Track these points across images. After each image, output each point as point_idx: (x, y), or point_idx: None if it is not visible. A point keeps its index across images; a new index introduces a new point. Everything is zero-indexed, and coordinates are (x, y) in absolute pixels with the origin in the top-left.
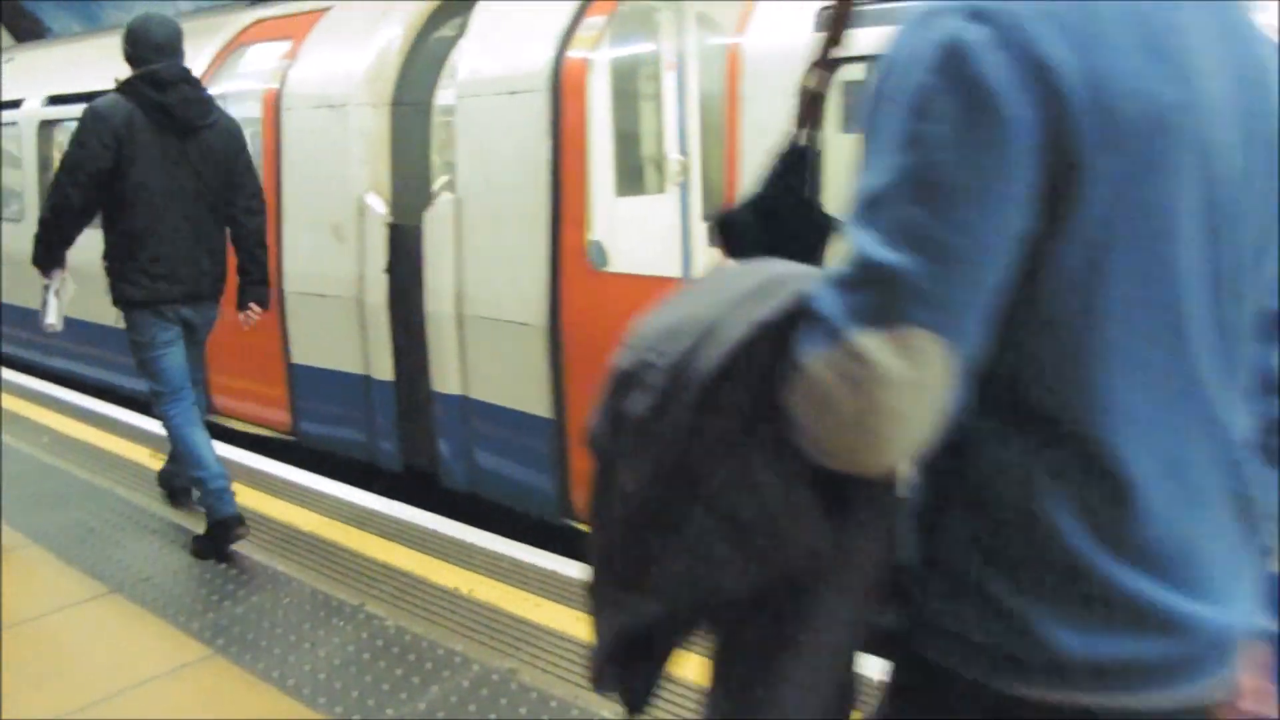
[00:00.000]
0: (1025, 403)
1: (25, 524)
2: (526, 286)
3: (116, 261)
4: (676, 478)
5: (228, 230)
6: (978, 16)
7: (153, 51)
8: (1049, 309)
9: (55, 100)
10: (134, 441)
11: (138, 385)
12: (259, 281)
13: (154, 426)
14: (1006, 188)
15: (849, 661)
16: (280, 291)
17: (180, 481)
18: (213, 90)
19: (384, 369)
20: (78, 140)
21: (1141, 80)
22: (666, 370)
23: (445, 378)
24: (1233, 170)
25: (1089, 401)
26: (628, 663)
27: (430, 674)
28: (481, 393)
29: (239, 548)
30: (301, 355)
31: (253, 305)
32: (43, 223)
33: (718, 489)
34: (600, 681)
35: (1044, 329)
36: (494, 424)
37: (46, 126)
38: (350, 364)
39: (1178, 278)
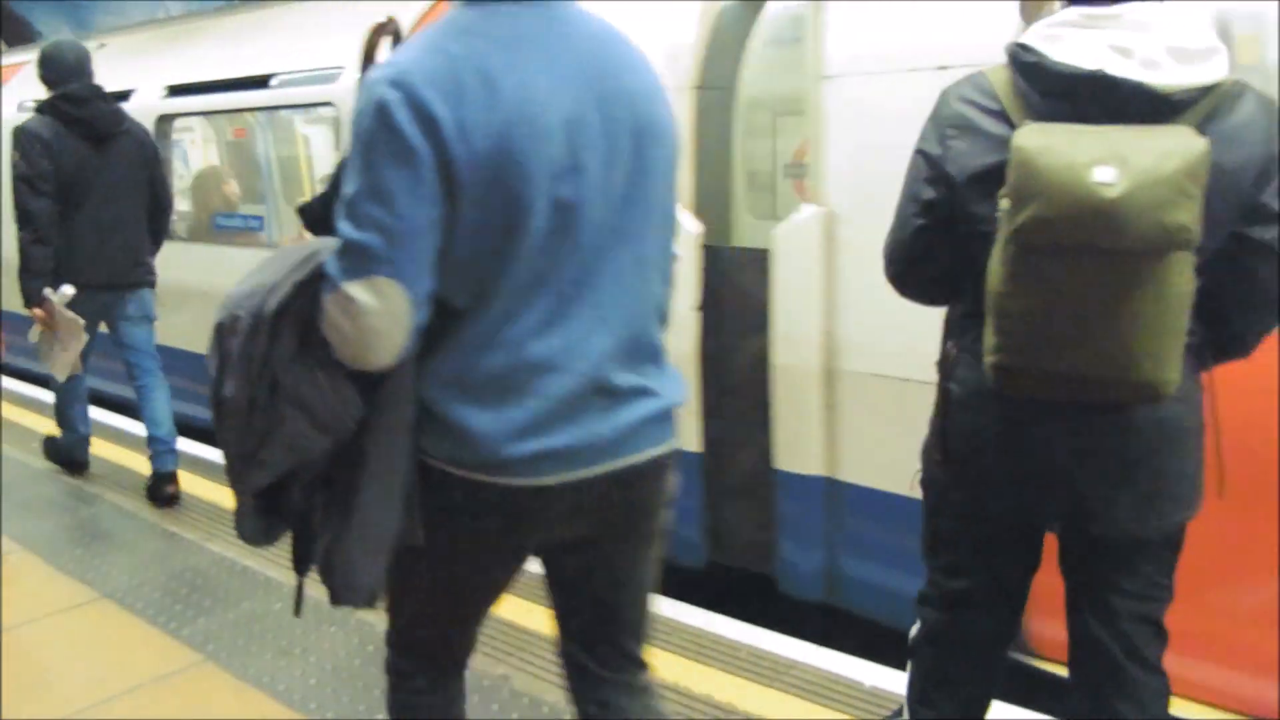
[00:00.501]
0: (453, 304)
1: (15, 529)
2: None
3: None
4: (265, 384)
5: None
6: (394, 84)
7: (66, 73)
8: (461, 251)
9: (176, 91)
10: (124, 447)
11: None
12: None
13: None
14: (421, 191)
15: (402, 489)
16: None
17: (79, 454)
18: None
19: (687, 435)
20: (23, 157)
21: (488, 123)
22: (248, 317)
23: (799, 452)
24: (582, 161)
25: (486, 295)
26: (268, 517)
27: None
28: (862, 475)
29: (228, 552)
30: None
31: None
32: (22, 249)
33: (292, 388)
34: (245, 536)
35: (459, 262)
36: (878, 517)
37: (165, 121)
38: None
39: (528, 232)
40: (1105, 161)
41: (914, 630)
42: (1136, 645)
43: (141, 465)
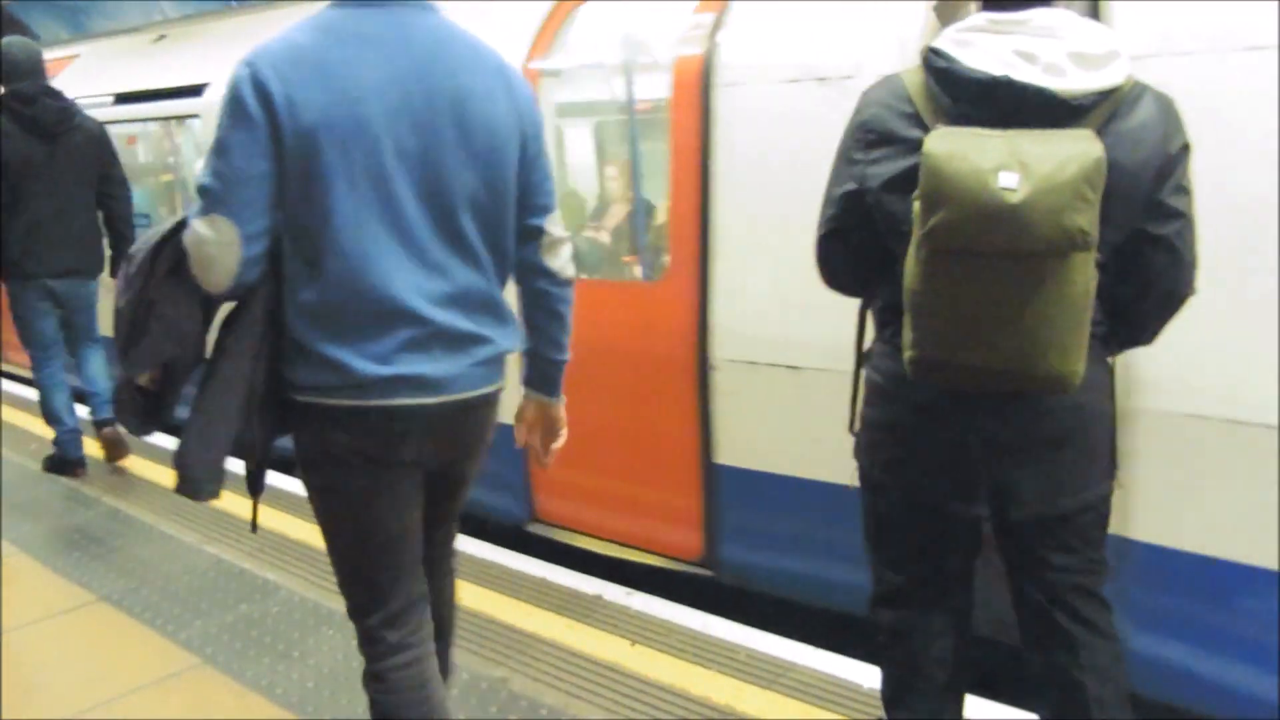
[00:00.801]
0: (307, 255)
1: (12, 532)
2: None
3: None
4: (143, 305)
5: (100, 213)
6: (247, 64)
7: (17, 73)
8: (292, 194)
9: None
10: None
11: None
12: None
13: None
14: (254, 150)
15: (245, 403)
16: (704, 357)
17: (72, 451)
18: (543, 64)
19: None
20: None
21: (316, 102)
22: (141, 250)
23: None
24: (412, 146)
25: (326, 248)
26: (146, 410)
27: None
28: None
29: (225, 555)
30: (734, 455)
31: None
32: None
33: (159, 306)
34: (122, 423)
35: (295, 202)
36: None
37: None
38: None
39: (346, 196)
40: (1008, 167)
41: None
42: (1083, 614)
43: (138, 467)
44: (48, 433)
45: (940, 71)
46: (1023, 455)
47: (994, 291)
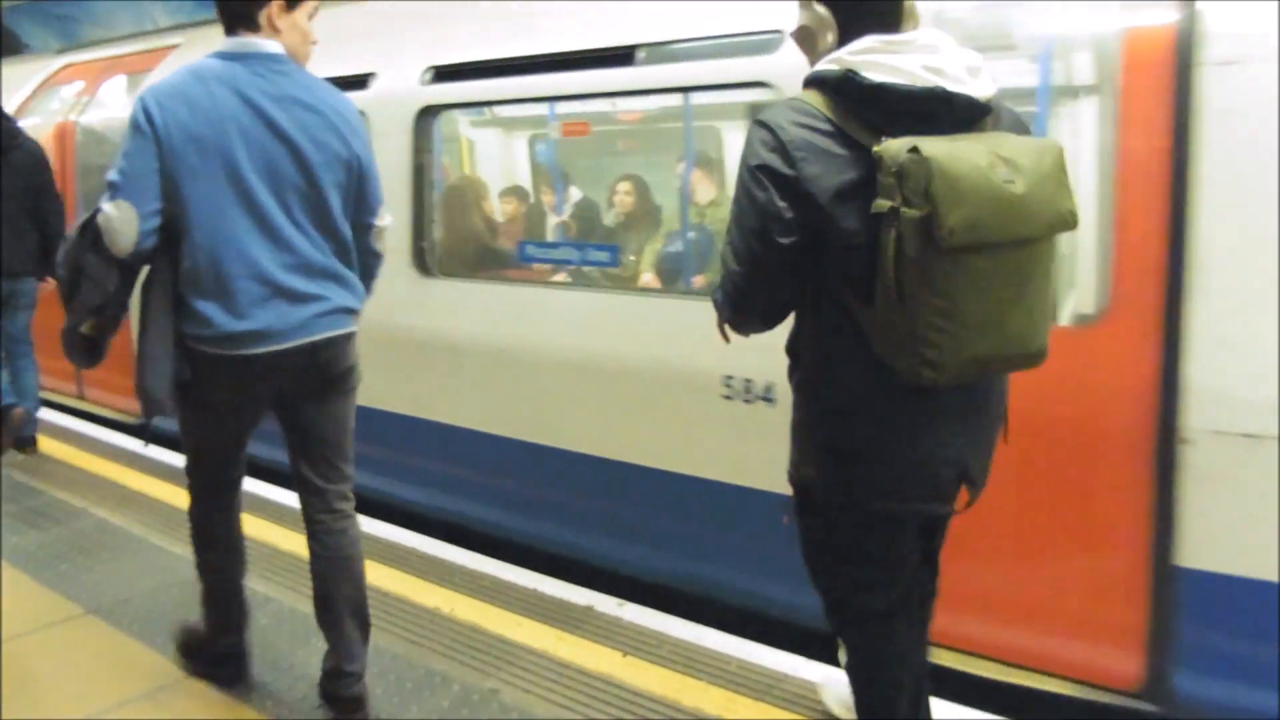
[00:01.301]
0: (190, 235)
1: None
2: None
3: None
4: (75, 269)
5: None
6: (144, 93)
7: None
8: (172, 198)
9: (444, 75)
10: (111, 460)
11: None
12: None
13: (133, 445)
14: (145, 155)
15: (169, 345)
16: (1167, 425)
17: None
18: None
19: None
20: None
21: (184, 122)
22: (71, 234)
23: None
24: (257, 156)
25: (197, 228)
26: (88, 350)
27: (410, 694)
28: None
29: None
30: (1212, 556)
31: (49, 278)
32: None
33: (89, 270)
34: (69, 358)
35: (172, 192)
36: None
37: (428, 115)
38: None
39: (207, 193)
40: (997, 164)
41: (843, 658)
42: (933, 574)
43: (130, 479)
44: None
45: (872, 88)
46: (978, 440)
47: (1000, 280)
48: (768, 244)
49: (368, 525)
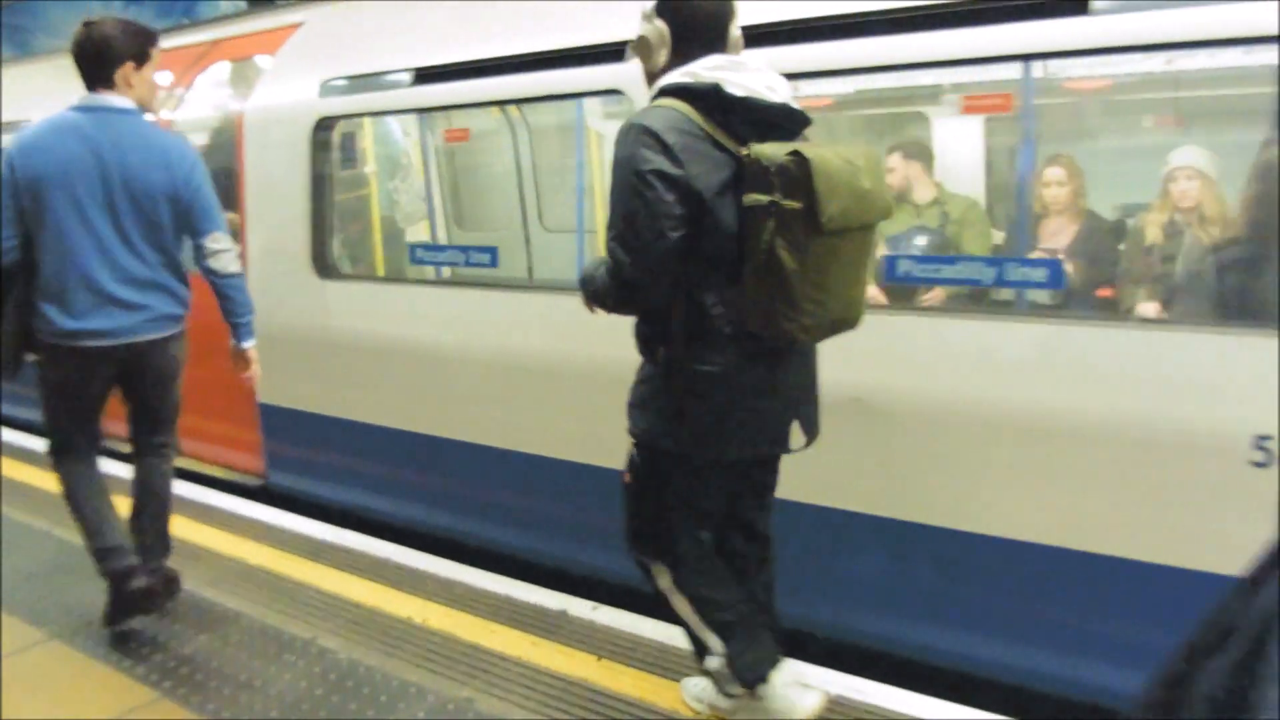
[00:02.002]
0: (32, 242)
1: None
2: None
3: None
4: None
5: None
6: (10, 145)
7: None
8: (27, 216)
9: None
10: None
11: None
12: None
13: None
14: (6, 193)
15: (21, 331)
16: None
17: None
18: None
19: None
20: None
21: (35, 166)
22: None
23: None
24: (96, 190)
25: (43, 247)
26: None
27: (385, 706)
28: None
29: (184, 585)
30: None
31: None
32: None
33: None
34: None
35: (29, 221)
36: None
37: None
38: None
39: (50, 220)
40: (848, 164)
41: (664, 581)
42: (766, 507)
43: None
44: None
45: (736, 100)
46: (808, 391)
47: (855, 257)
48: (661, 238)
49: (338, 535)
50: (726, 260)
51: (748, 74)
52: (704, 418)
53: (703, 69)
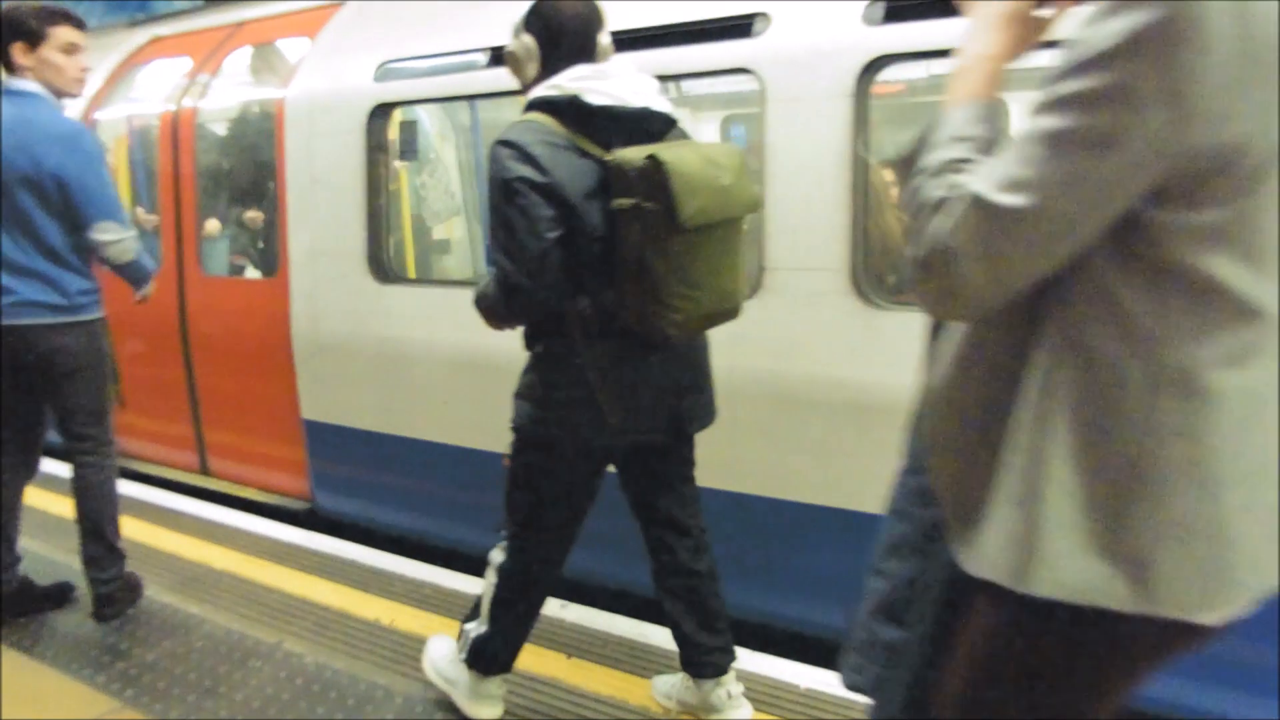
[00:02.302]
0: None
1: None
2: None
3: None
4: None
5: None
6: None
7: None
8: None
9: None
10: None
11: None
12: None
13: (54, 470)
14: None
15: None
16: None
17: None
18: None
19: None
20: None
21: None
22: None
23: None
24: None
25: None
26: None
27: (353, 710)
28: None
29: (146, 590)
30: None
31: None
32: None
33: None
34: None
35: None
36: None
37: (382, 113)
38: None
39: None
40: (708, 164)
41: (500, 558)
42: (696, 508)
43: (51, 504)
44: None
45: (595, 109)
46: (695, 383)
47: (720, 250)
48: (539, 238)
49: (306, 539)
50: (598, 262)
51: (611, 81)
52: (576, 408)
53: (566, 80)
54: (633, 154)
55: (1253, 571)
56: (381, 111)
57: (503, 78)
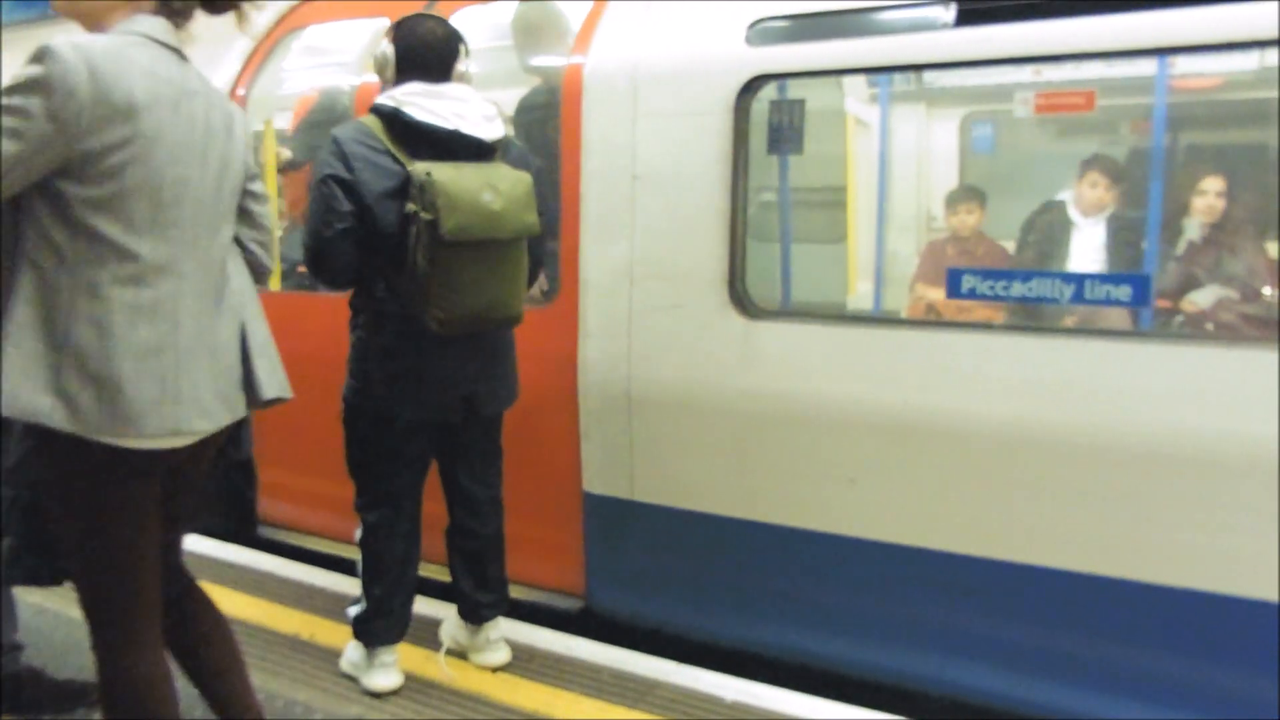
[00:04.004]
0: None
1: None
2: None
3: None
4: None
5: None
6: None
7: None
8: None
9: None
10: None
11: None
12: None
13: None
14: None
15: None
16: None
17: None
18: None
19: None
20: None
21: None
22: None
23: None
24: None
25: None
26: None
27: None
28: None
29: (47, 602)
30: None
31: None
32: None
33: None
34: None
35: None
36: None
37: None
38: None
39: None
40: (486, 189)
41: (358, 533)
42: (491, 483)
43: None
44: None
45: (408, 123)
46: (486, 372)
47: (484, 266)
48: (327, 228)
49: (217, 548)
50: (390, 255)
51: (438, 102)
52: (379, 382)
53: (400, 93)
54: (420, 168)
55: (142, 417)
56: (755, 86)
57: (985, 40)
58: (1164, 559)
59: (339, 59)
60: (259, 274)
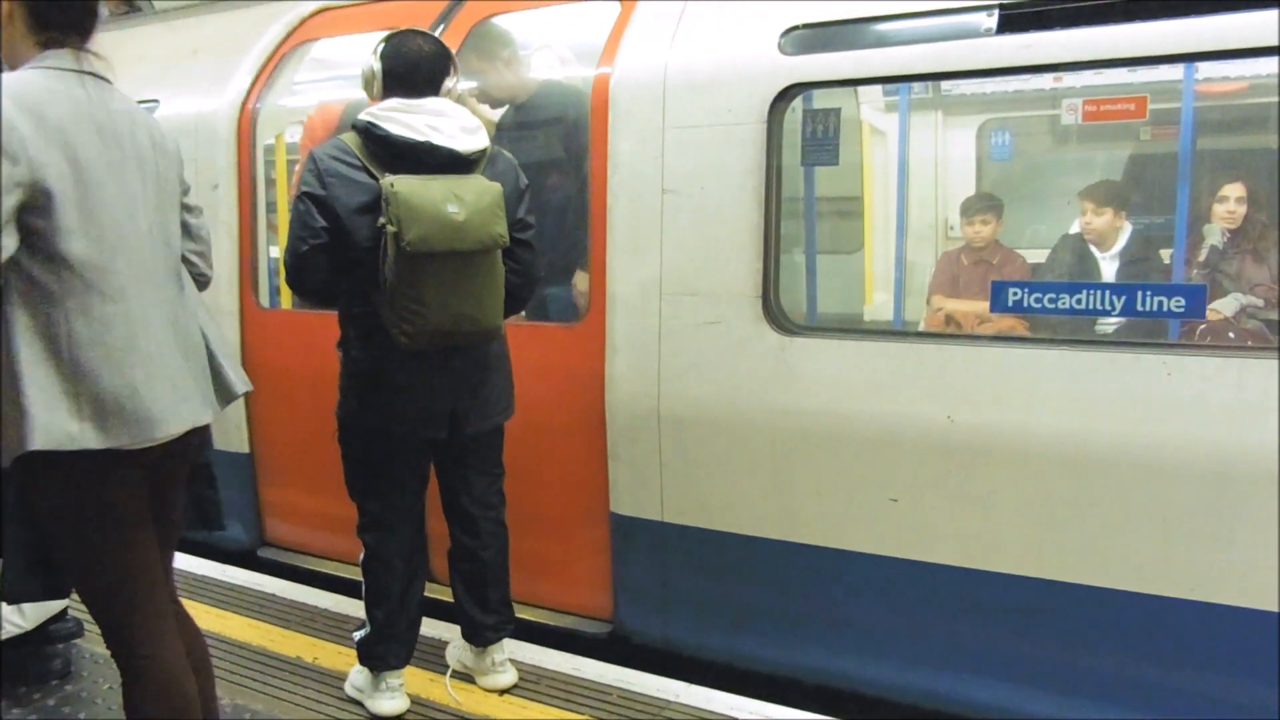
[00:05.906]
0: None
1: None
2: None
3: None
4: None
5: None
6: None
7: None
8: None
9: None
10: None
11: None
12: None
13: None
14: None
15: None
16: None
17: None
18: None
19: None
20: None
21: None
22: None
23: None
24: None
25: None
26: None
27: None
28: None
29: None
30: None
31: None
32: None
33: None
34: None
35: None
36: None
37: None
38: None
39: None
40: (450, 200)
41: (361, 556)
42: (492, 504)
43: None
44: None
45: (382, 137)
46: (468, 388)
47: (450, 278)
48: (302, 243)
49: (217, 570)
50: (368, 270)
51: (416, 116)
52: (364, 397)
53: (379, 108)
54: (388, 181)
55: (163, 418)
56: (789, 95)
57: (1023, 48)
58: (1223, 579)
59: (350, 72)
60: (200, 284)
